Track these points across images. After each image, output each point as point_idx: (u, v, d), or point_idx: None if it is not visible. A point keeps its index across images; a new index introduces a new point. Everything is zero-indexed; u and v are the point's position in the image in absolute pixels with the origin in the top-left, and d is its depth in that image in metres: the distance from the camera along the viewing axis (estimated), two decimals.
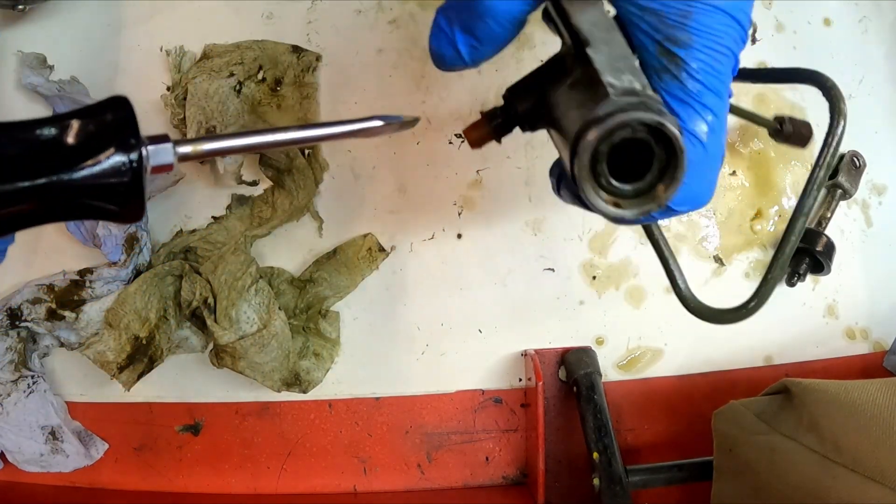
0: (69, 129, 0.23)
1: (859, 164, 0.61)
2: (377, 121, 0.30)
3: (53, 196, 0.23)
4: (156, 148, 0.25)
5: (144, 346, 0.53)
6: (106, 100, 0.25)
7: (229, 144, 0.27)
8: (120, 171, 0.23)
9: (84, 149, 0.23)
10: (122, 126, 0.24)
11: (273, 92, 0.56)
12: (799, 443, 0.43)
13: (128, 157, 0.23)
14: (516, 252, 0.58)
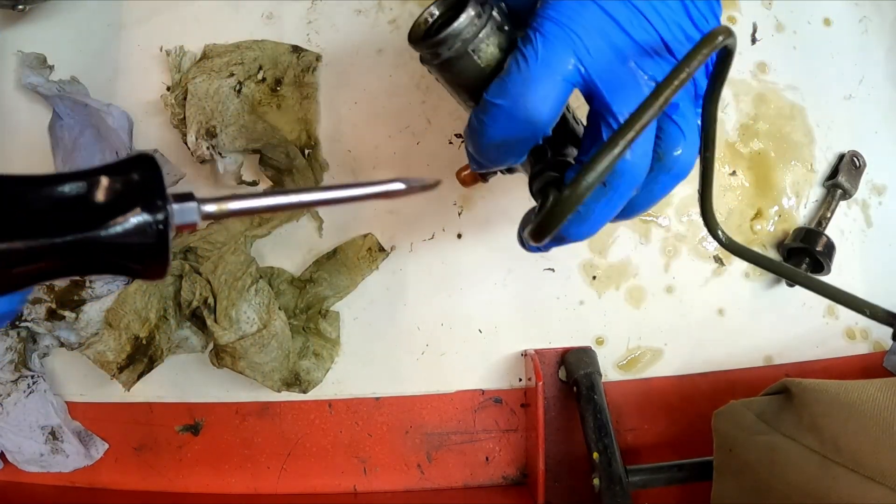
0: (96, 187, 0.23)
1: (859, 164, 0.61)
2: (399, 184, 0.30)
3: (76, 254, 0.23)
4: (181, 207, 0.24)
5: (144, 346, 0.53)
6: (132, 157, 0.25)
7: (256, 204, 0.27)
8: (145, 232, 0.23)
9: (110, 208, 0.23)
10: (149, 186, 0.24)
11: (273, 92, 0.56)
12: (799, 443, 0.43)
13: (153, 218, 0.23)
14: (516, 252, 0.58)
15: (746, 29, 0.62)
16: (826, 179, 0.61)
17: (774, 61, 0.62)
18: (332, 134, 0.58)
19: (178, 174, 0.57)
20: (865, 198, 0.62)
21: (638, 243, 0.59)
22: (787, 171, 0.61)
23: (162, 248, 0.24)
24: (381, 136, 0.59)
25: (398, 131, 0.59)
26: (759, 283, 0.60)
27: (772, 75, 0.62)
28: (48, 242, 0.22)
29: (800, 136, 0.61)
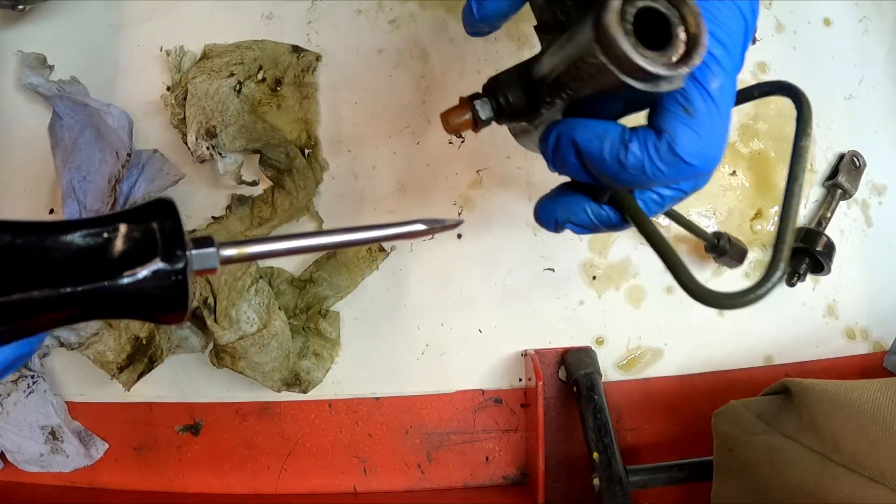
0: (115, 236, 0.23)
1: (859, 164, 0.61)
2: (420, 225, 0.30)
3: (95, 302, 0.23)
4: (200, 253, 0.24)
5: (144, 346, 0.53)
6: (153, 202, 0.24)
7: (275, 248, 0.27)
8: (164, 282, 0.23)
9: (128, 258, 0.23)
10: (169, 235, 0.23)
11: (273, 92, 0.56)
12: (799, 443, 0.43)
13: (172, 268, 0.23)
14: (516, 252, 0.58)
15: None
16: (826, 179, 0.61)
17: (774, 61, 0.62)
18: (332, 134, 0.58)
19: (178, 174, 0.57)
20: (865, 198, 0.62)
21: (638, 243, 0.59)
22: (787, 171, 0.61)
23: (181, 297, 0.24)
24: (381, 136, 0.59)
25: (398, 131, 0.59)
26: None
27: (772, 75, 0.62)
28: (67, 292, 0.22)
29: None
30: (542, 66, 0.33)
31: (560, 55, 0.30)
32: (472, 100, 0.37)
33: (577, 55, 0.29)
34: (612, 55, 0.26)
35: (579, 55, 0.28)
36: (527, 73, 0.34)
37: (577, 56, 0.29)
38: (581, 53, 0.28)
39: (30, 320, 0.22)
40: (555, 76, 0.31)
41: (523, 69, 0.35)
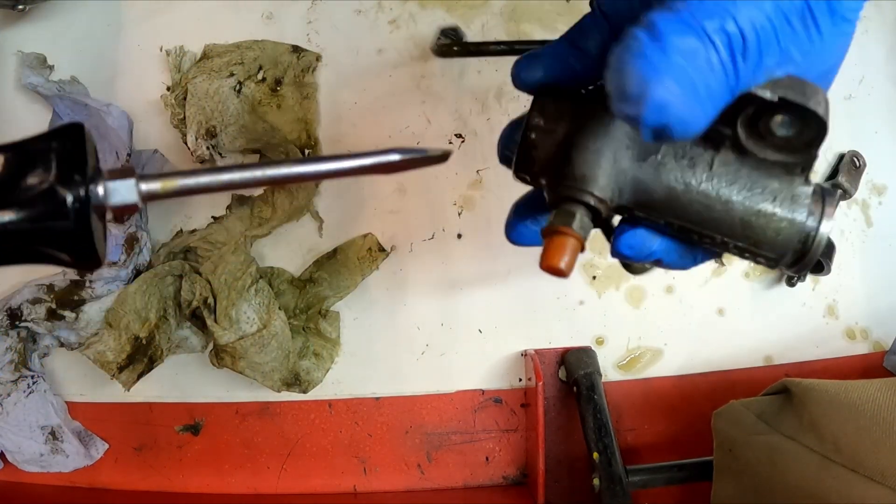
0: (4, 160, 0.20)
1: (859, 164, 0.61)
2: (395, 154, 0.25)
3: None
4: (114, 184, 0.21)
5: (144, 346, 0.53)
6: (58, 127, 0.21)
7: (211, 180, 0.22)
8: (60, 213, 0.20)
9: (16, 185, 0.19)
10: (67, 159, 0.20)
11: (273, 92, 0.56)
12: (799, 443, 0.43)
13: (72, 197, 0.20)
14: (516, 252, 0.58)
15: None
16: (826, 179, 0.61)
17: None
18: (332, 134, 0.58)
19: None
20: (865, 198, 0.62)
21: None
22: None
23: (82, 233, 0.20)
24: (381, 136, 0.59)
25: (398, 131, 0.59)
26: (759, 283, 0.60)
27: None
28: None
29: None
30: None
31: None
32: (561, 222, 0.28)
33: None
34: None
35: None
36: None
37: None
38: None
39: None
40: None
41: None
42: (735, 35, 0.23)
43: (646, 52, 0.22)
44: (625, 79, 0.22)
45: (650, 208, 0.29)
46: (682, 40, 0.22)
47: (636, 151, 0.29)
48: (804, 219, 0.29)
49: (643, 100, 0.22)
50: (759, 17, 0.24)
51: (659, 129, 0.23)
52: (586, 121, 0.29)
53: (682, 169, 0.28)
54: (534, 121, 0.30)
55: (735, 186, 0.28)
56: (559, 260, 0.28)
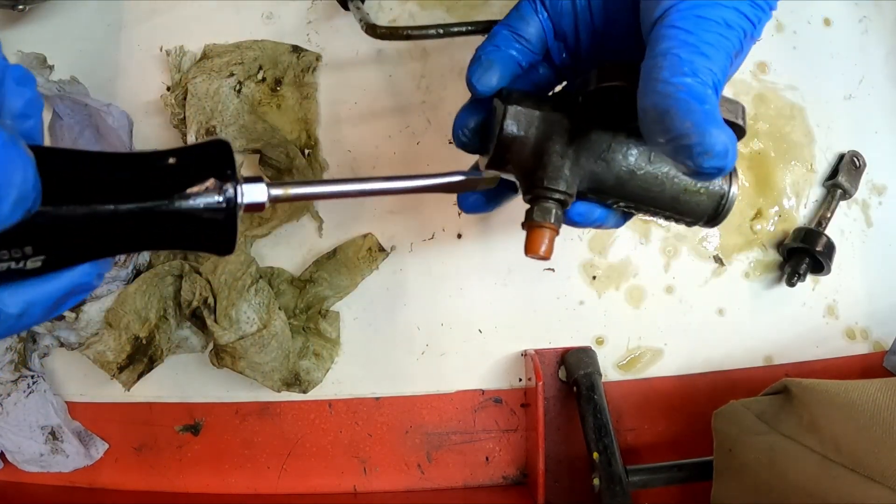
0: (172, 163, 0.25)
1: (859, 164, 0.61)
2: (458, 176, 0.33)
3: (151, 222, 0.24)
4: (250, 187, 0.26)
5: (144, 346, 0.53)
6: (208, 140, 0.26)
7: (319, 190, 0.29)
8: (216, 208, 0.25)
9: (184, 181, 0.25)
10: (221, 164, 0.26)
11: (273, 92, 0.56)
12: (799, 443, 0.43)
13: (224, 196, 0.25)
14: (516, 252, 0.58)
15: None
16: (826, 179, 0.61)
17: (774, 61, 0.62)
18: (332, 134, 0.58)
19: None
20: (865, 198, 0.62)
21: (638, 243, 0.59)
22: (787, 171, 0.61)
23: (230, 225, 0.26)
24: (381, 136, 0.59)
25: (398, 131, 0.59)
26: (759, 283, 0.60)
27: (772, 75, 0.62)
28: (126, 208, 0.24)
29: (800, 136, 0.61)
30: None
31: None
32: (541, 217, 0.36)
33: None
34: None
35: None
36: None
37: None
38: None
39: (91, 234, 0.24)
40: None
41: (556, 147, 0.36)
42: (720, 83, 0.30)
43: (715, 114, 0.28)
44: (713, 140, 0.27)
45: (601, 192, 0.37)
46: (715, 97, 0.29)
47: (592, 151, 0.36)
48: (718, 189, 0.37)
49: (730, 153, 0.28)
50: (723, 64, 0.30)
51: (722, 172, 0.28)
52: (553, 129, 0.36)
53: (628, 161, 0.36)
54: (508, 130, 0.36)
55: (668, 172, 0.36)
56: (541, 247, 0.36)
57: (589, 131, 0.36)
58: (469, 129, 0.39)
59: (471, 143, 0.40)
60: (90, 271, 0.27)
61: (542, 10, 0.37)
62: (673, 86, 0.28)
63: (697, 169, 0.28)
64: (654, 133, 0.29)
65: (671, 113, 0.28)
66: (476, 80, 0.36)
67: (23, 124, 0.25)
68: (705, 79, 0.29)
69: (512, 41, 0.37)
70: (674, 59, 0.29)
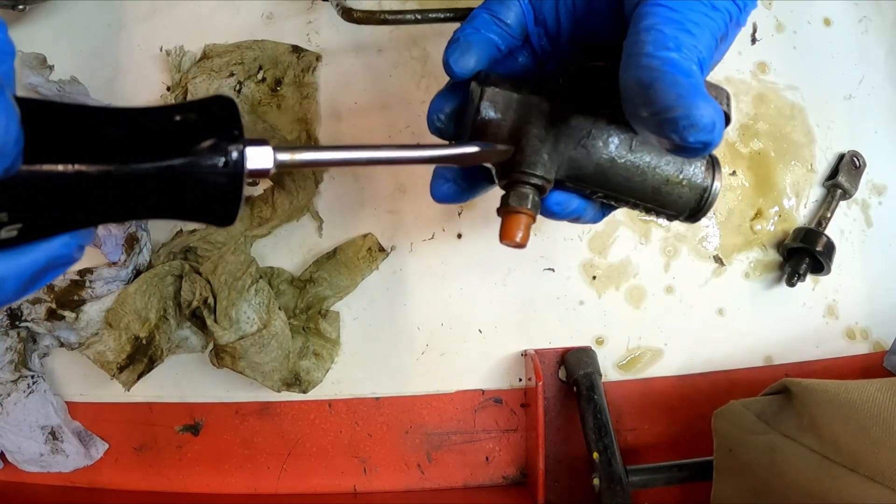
0: (170, 118, 0.23)
1: (859, 164, 0.61)
2: (474, 147, 0.32)
3: (144, 185, 0.22)
4: (255, 150, 0.23)
5: (144, 346, 0.53)
6: (210, 96, 0.24)
7: (328, 157, 0.27)
8: (219, 170, 0.22)
9: (183, 139, 0.22)
10: (226, 123, 0.23)
11: (273, 92, 0.56)
12: (799, 443, 0.43)
13: (228, 157, 0.22)
14: (516, 252, 0.58)
15: (746, 29, 0.62)
16: (826, 179, 0.61)
17: (774, 61, 0.62)
18: (332, 134, 0.58)
19: None
20: (865, 198, 0.62)
21: (638, 243, 0.59)
22: (787, 171, 0.61)
23: (234, 189, 0.23)
24: (381, 136, 0.59)
25: (398, 131, 0.59)
26: (759, 283, 0.60)
27: (772, 75, 0.62)
28: (116, 168, 0.21)
29: (800, 136, 0.61)
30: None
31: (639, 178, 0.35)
32: (517, 202, 0.35)
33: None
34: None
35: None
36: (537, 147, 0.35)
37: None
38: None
39: (75, 199, 0.21)
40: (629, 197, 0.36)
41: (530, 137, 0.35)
42: (705, 62, 0.29)
43: (701, 87, 0.27)
44: (699, 112, 0.27)
45: (580, 181, 0.36)
46: (701, 74, 0.28)
47: (572, 137, 0.35)
48: (701, 182, 0.36)
49: (717, 127, 0.27)
50: (709, 44, 0.29)
51: (708, 147, 0.28)
52: (532, 112, 0.34)
53: (609, 149, 0.35)
54: (485, 112, 0.34)
55: (650, 160, 0.35)
56: (516, 234, 0.34)
57: (569, 116, 0.34)
58: (444, 115, 0.38)
59: (446, 129, 0.39)
60: (70, 242, 0.24)
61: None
62: (658, 59, 0.28)
63: (682, 143, 0.27)
64: (637, 107, 0.28)
65: (655, 86, 0.27)
66: (453, 62, 0.35)
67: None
68: (690, 55, 0.28)
69: (492, 24, 0.36)
70: (658, 35, 0.28)
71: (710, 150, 0.28)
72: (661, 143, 0.29)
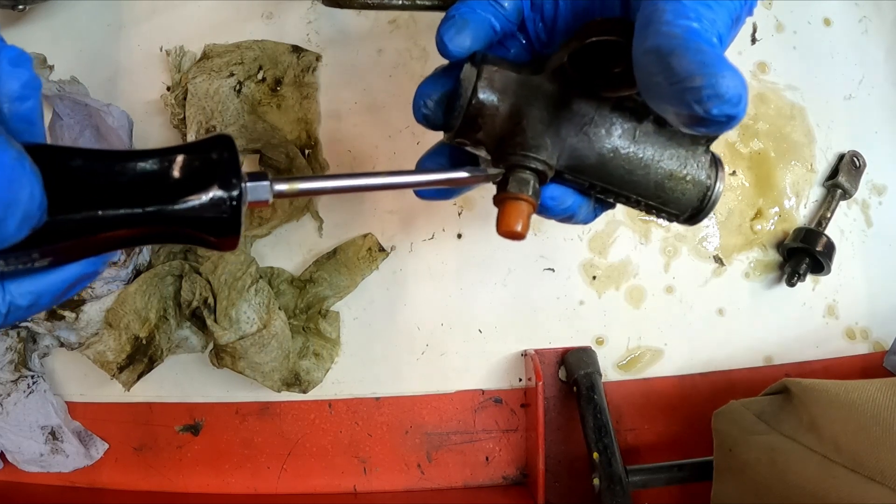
0: (177, 164, 0.25)
1: (859, 164, 0.61)
2: (463, 172, 0.32)
3: (156, 223, 0.24)
4: (254, 185, 0.26)
5: (144, 346, 0.53)
6: (211, 137, 0.26)
7: (324, 185, 0.28)
8: (219, 207, 0.25)
9: (188, 183, 0.25)
10: (225, 165, 0.25)
11: (273, 92, 0.56)
12: (799, 443, 0.43)
13: (228, 195, 0.25)
14: (516, 252, 0.58)
15: (746, 29, 0.62)
16: (826, 179, 0.61)
17: (774, 61, 0.62)
18: (332, 134, 0.58)
19: None
20: (865, 198, 0.62)
21: (638, 243, 0.59)
22: (787, 171, 0.61)
23: (234, 223, 0.25)
24: (381, 136, 0.59)
25: (398, 131, 0.59)
26: (759, 283, 0.60)
27: (772, 75, 0.62)
28: (130, 213, 0.24)
29: (800, 136, 0.61)
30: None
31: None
32: (517, 188, 0.32)
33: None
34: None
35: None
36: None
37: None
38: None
39: (96, 238, 0.24)
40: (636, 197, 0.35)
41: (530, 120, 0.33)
42: (723, 39, 0.28)
43: (725, 58, 0.25)
44: (726, 82, 0.25)
45: (580, 172, 0.33)
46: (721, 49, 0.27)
47: (573, 123, 0.32)
48: (704, 179, 0.34)
49: (742, 100, 0.25)
50: (726, 21, 0.28)
51: (732, 122, 0.26)
52: (533, 94, 0.32)
53: (612, 138, 0.33)
54: (482, 93, 0.32)
55: (653, 153, 0.33)
56: (516, 223, 0.31)
57: (570, 100, 0.32)
58: (432, 101, 0.36)
59: (433, 116, 0.37)
60: (96, 261, 0.27)
61: None
62: (679, 27, 0.26)
63: (705, 115, 0.25)
64: (655, 76, 0.26)
65: (677, 52, 0.25)
66: (448, 39, 0.33)
67: (21, 106, 0.25)
68: (710, 28, 0.26)
69: (487, 4, 0.34)
70: (677, 5, 0.26)
71: (733, 126, 0.26)
72: (679, 118, 0.26)
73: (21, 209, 0.21)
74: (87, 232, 0.24)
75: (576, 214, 0.36)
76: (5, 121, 0.24)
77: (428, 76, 0.37)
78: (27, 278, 0.25)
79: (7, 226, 0.20)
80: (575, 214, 0.36)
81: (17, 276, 0.25)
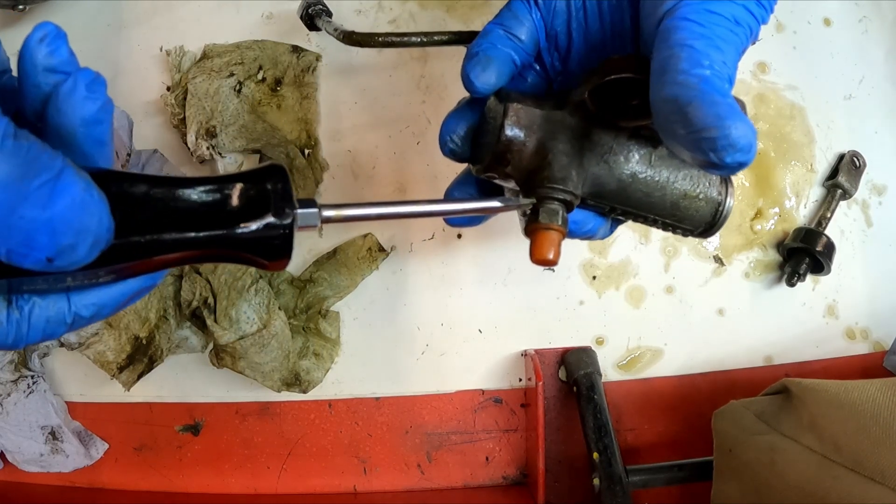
0: (234, 192, 0.27)
1: (859, 164, 0.61)
2: (496, 202, 0.34)
3: (214, 246, 0.26)
4: (304, 212, 0.28)
5: (144, 346, 0.53)
6: (266, 167, 0.28)
7: (370, 212, 0.31)
8: (273, 233, 0.27)
9: (245, 211, 0.27)
10: (280, 195, 0.27)
11: (273, 92, 0.56)
12: (799, 443, 0.43)
13: (281, 222, 0.27)
14: (516, 252, 0.58)
15: None
16: (826, 179, 0.61)
17: (774, 61, 0.62)
18: (332, 134, 0.58)
19: (177, 174, 0.57)
20: (865, 198, 0.62)
21: (638, 243, 0.59)
22: (787, 171, 0.61)
23: (287, 247, 0.27)
24: (381, 136, 0.59)
25: (398, 131, 0.59)
26: (759, 283, 0.60)
27: (772, 75, 0.62)
28: (190, 237, 0.26)
29: (800, 136, 0.61)
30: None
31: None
32: (548, 219, 0.34)
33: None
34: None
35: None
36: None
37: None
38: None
39: (157, 258, 0.26)
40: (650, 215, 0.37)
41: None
42: (731, 79, 0.29)
43: (737, 107, 0.27)
44: (738, 133, 0.27)
45: (602, 197, 0.36)
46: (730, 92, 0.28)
47: (595, 153, 0.35)
48: (716, 196, 0.37)
49: (753, 147, 0.27)
50: (734, 59, 0.30)
51: (743, 166, 0.28)
52: (557, 128, 0.35)
53: (630, 164, 0.35)
54: (509, 131, 0.34)
55: (668, 175, 0.36)
56: (548, 252, 0.33)
57: (591, 132, 0.35)
58: (458, 136, 0.38)
59: (460, 151, 0.38)
60: (155, 276, 0.29)
61: (535, 10, 0.36)
62: (693, 76, 0.28)
63: (720, 163, 0.27)
64: (673, 124, 0.28)
65: (694, 105, 0.27)
66: (475, 77, 0.35)
67: (95, 129, 0.25)
68: (722, 72, 0.28)
69: (506, 40, 0.36)
70: (691, 52, 0.28)
71: (743, 169, 0.29)
72: (695, 161, 0.29)
73: (91, 235, 0.22)
74: (151, 253, 0.25)
75: (594, 234, 0.39)
76: (78, 143, 0.25)
77: (452, 111, 0.39)
78: (91, 291, 0.27)
79: (78, 251, 0.22)
80: (594, 235, 0.39)
81: (82, 289, 0.27)
